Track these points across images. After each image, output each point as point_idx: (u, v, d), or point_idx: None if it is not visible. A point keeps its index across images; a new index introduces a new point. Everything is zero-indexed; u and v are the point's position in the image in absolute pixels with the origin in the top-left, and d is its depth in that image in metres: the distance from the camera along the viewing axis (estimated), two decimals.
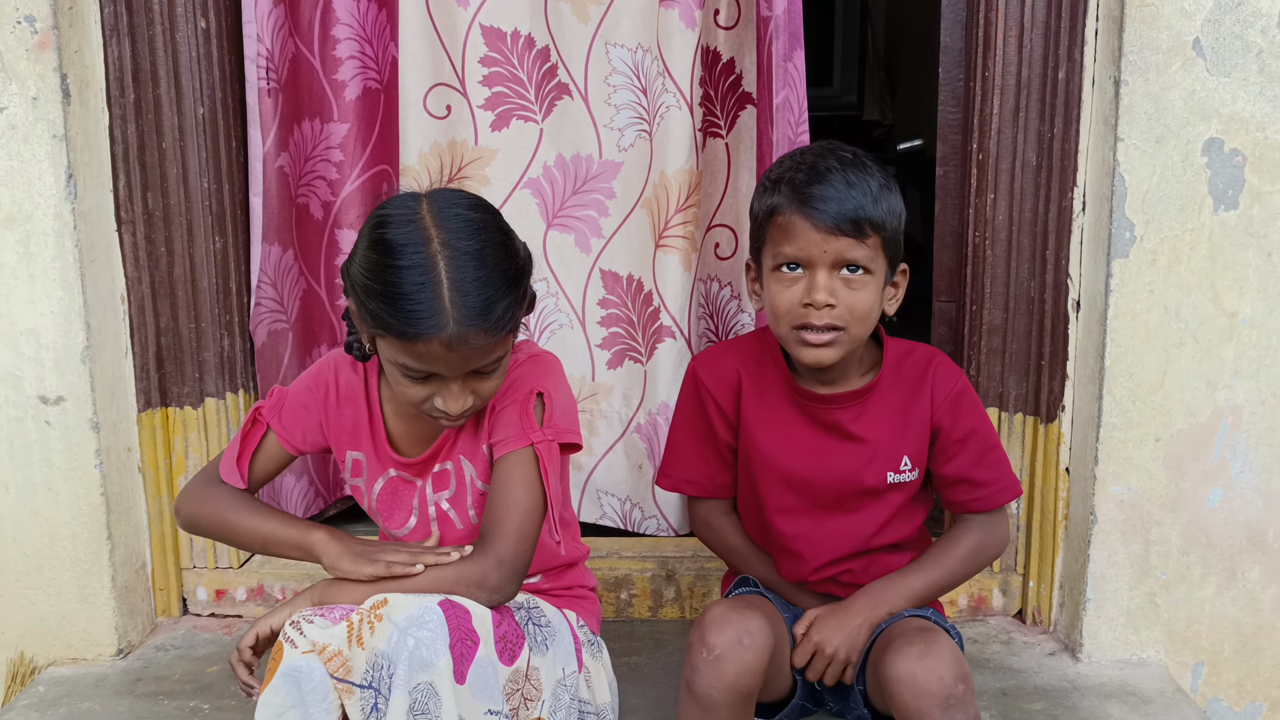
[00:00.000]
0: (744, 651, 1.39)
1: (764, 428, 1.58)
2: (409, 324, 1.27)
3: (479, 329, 1.29)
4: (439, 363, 1.31)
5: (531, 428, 1.43)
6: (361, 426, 1.51)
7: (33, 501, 1.91)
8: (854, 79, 5.96)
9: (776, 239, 1.46)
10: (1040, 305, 1.94)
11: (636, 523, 2.25)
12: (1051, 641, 1.99)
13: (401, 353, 1.31)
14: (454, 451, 1.48)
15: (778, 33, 2.03)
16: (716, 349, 1.69)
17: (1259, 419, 1.85)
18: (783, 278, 1.46)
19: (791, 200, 1.44)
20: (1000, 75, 1.90)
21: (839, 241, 1.42)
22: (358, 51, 2.13)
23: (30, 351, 1.86)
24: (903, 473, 1.57)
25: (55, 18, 1.79)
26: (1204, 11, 1.75)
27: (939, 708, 1.33)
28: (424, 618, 1.26)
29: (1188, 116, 1.77)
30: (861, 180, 1.44)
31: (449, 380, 1.34)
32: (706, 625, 1.41)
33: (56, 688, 1.89)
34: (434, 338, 1.27)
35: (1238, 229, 1.80)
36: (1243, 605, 1.91)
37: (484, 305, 1.29)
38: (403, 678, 1.24)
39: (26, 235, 1.83)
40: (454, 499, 1.49)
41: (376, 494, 1.53)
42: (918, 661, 1.35)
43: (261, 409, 1.52)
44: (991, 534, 1.61)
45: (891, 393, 1.57)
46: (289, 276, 2.15)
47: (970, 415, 1.58)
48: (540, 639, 1.47)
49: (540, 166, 2.16)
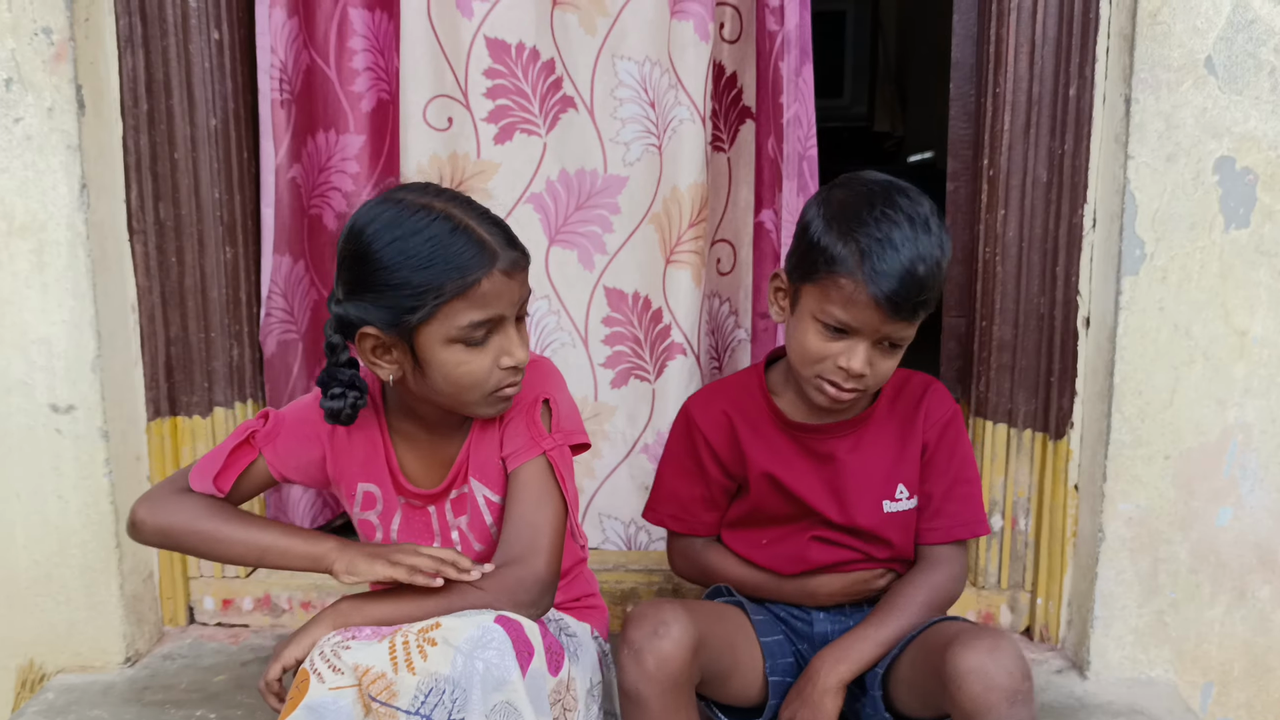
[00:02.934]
0: (660, 641, 1.39)
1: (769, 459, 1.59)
2: (469, 266, 1.30)
3: (519, 254, 1.35)
4: (501, 299, 1.32)
5: (542, 436, 1.43)
6: (375, 458, 1.48)
7: (43, 509, 1.92)
8: (864, 91, 5.98)
9: (831, 296, 1.43)
10: (1050, 322, 1.94)
11: (643, 546, 2.24)
12: (1059, 659, 1.98)
13: (464, 310, 1.31)
14: (467, 477, 1.47)
15: (788, 47, 2.04)
16: (706, 391, 1.70)
17: (1270, 438, 1.84)
18: (824, 332, 1.45)
19: (859, 268, 1.40)
20: (1011, 91, 1.90)
21: (893, 325, 1.42)
22: (372, 63, 2.14)
23: (42, 360, 1.87)
24: (899, 500, 1.58)
25: (72, 29, 1.80)
26: (1216, 30, 1.74)
27: (1007, 701, 1.33)
28: (485, 638, 1.23)
29: (1199, 134, 1.77)
30: (930, 252, 1.41)
31: (508, 328, 1.35)
32: (626, 623, 1.43)
33: (65, 695, 1.90)
34: (493, 269, 1.31)
35: (1249, 247, 1.79)
36: (1253, 625, 1.90)
37: (509, 234, 1.36)
38: (478, 702, 1.21)
39: (40, 244, 1.84)
40: (471, 522, 1.49)
41: (397, 526, 1.50)
42: (988, 655, 1.35)
43: (256, 434, 1.47)
44: (949, 574, 1.59)
45: (887, 422, 1.59)
46: (300, 287, 2.16)
47: (955, 443, 1.59)
48: (572, 649, 1.48)
49: (543, 181, 2.15)
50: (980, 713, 1.33)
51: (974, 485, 1.61)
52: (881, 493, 1.58)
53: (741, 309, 2.29)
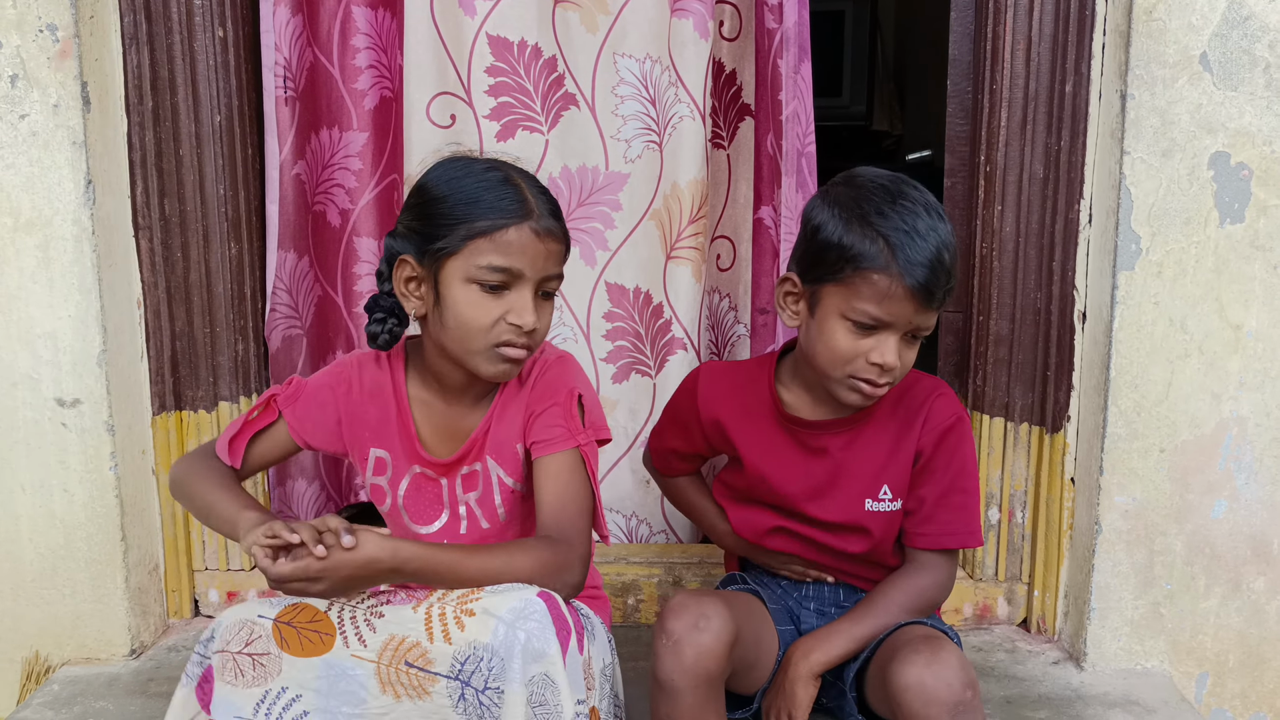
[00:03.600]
0: (700, 634, 1.41)
1: (754, 449, 1.62)
2: (503, 210, 1.37)
3: (558, 224, 1.41)
4: (525, 255, 1.37)
5: (578, 429, 1.47)
6: (388, 423, 1.52)
7: (49, 503, 1.94)
8: (863, 89, 5.99)
9: (862, 293, 1.42)
10: (1046, 316, 1.96)
11: (644, 539, 2.26)
12: (1056, 650, 2.00)
13: (486, 253, 1.36)
14: (483, 452, 1.50)
15: (787, 44, 2.06)
16: (722, 368, 1.72)
17: (1264, 431, 1.86)
18: (854, 330, 1.45)
19: (892, 261, 1.40)
20: (1008, 88, 1.92)
21: (925, 314, 1.44)
22: (375, 61, 2.16)
23: (48, 354, 1.89)
24: (881, 501, 1.59)
25: (77, 26, 1.82)
26: (1211, 26, 1.76)
27: (948, 714, 1.33)
28: (528, 610, 1.26)
29: (1194, 130, 1.78)
30: (949, 238, 1.44)
31: (525, 289, 1.38)
32: (666, 613, 1.44)
33: (70, 686, 1.91)
34: (525, 223, 1.37)
35: (1244, 242, 1.81)
36: (1247, 616, 1.92)
37: (556, 207, 1.42)
38: (518, 670, 1.24)
39: (46, 240, 1.86)
40: (481, 499, 1.52)
41: (404, 492, 1.54)
42: (925, 669, 1.35)
43: (277, 395, 1.53)
44: (933, 579, 1.59)
45: (888, 421, 1.59)
46: (304, 283, 2.18)
47: (954, 451, 1.57)
48: (590, 629, 1.50)
49: (546, 178, 2.15)
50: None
51: (970, 495, 1.59)
52: (866, 490, 1.58)
53: (741, 304, 2.31)
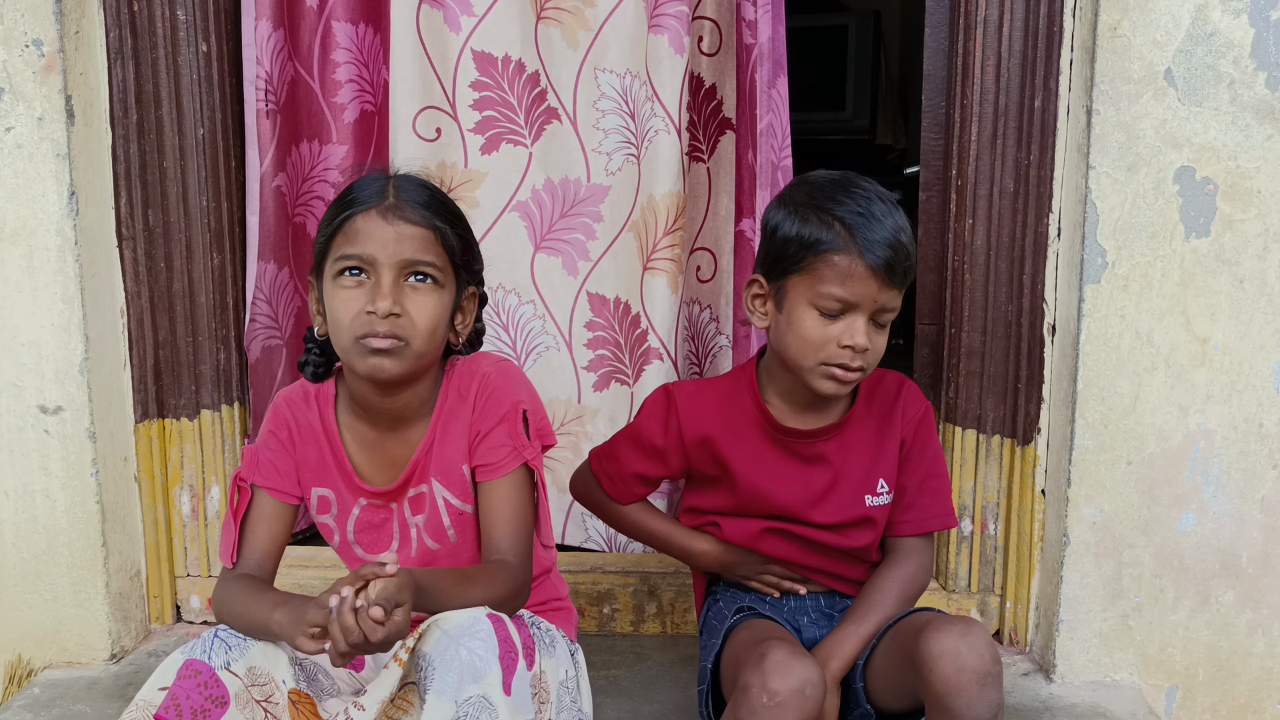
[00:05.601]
0: (805, 701, 1.38)
1: (748, 466, 1.62)
2: (354, 202, 1.38)
3: (413, 207, 1.38)
4: (373, 240, 1.36)
5: (524, 445, 1.47)
6: (325, 462, 1.51)
7: (31, 508, 1.97)
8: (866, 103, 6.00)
9: (825, 276, 1.46)
10: (1017, 329, 1.97)
11: (621, 546, 2.28)
12: (1027, 662, 2.01)
13: (341, 244, 1.38)
14: (426, 474, 1.49)
15: (762, 59, 2.08)
16: (695, 386, 1.71)
17: (1231, 444, 1.87)
18: (821, 316, 1.48)
19: (850, 243, 1.44)
20: (979, 103, 1.94)
21: (888, 291, 1.46)
22: (355, 75, 2.20)
23: (31, 362, 1.93)
24: (880, 495, 1.62)
25: (61, 41, 1.86)
26: (1175, 42, 1.78)
27: (977, 683, 1.36)
28: (475, 628, 1.25)
29: (1159, 145, 1.80)
30: (904, 223, 1.47)
31: (382, 272, 1.36)
32: (769, 669, 1.40)
33: (51, 690, 1.94)
34: (371, 208, 1.37)
35: (1210, 256, 1.82)
36: (1217, 629, 1.92)
37: (425, 198, 1.41)
38: (451, 686, 1.21)
39: (30, 250, 1.90)
40: (428, 522, 1.51)
41: (353, 527, 1.53)
42: (960, 639, 1.38)
43: (240, 474, 1.49)
44: (919, 564, 1.64)
45: (865, 420, 1.62)
46: (284, 294, 2.21)
47: (928, 439, 1.64)
48: (547, 643, 1.51)
49: (529, 190, 2.20)
50: (951, 694, 1.36)
51: (944, 480, 1.66)
52: (864, 488, 1.61)
53: (723, 315, 2.33)
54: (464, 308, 1.48)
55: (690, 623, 2.12)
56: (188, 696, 1.27)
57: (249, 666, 1.32)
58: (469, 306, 1.50)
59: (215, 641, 1.32)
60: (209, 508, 2.11)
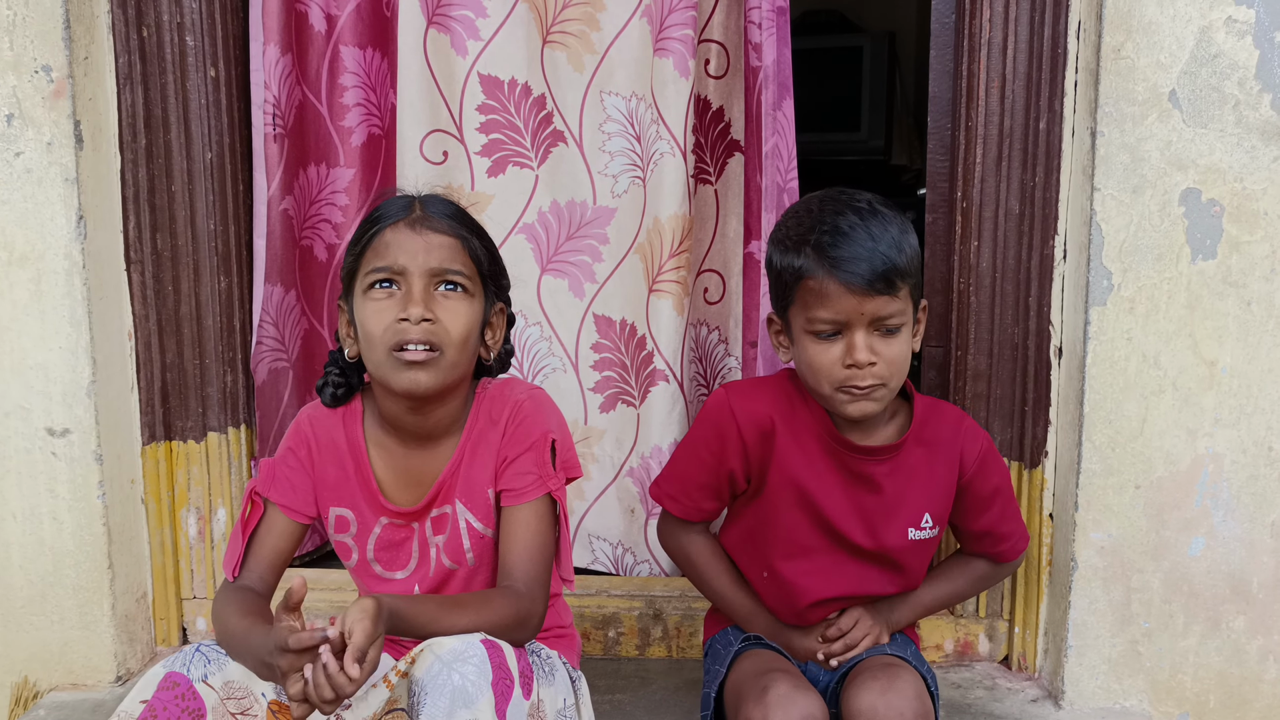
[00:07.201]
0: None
1: (803, 471, 1.58)
2: (381, 218, 1.41)
3: (440, 218, 1.42)
4: (403, 251, 1.39)
5: (549, 475, 1.47)
6: (347, 480, 1.50)
7: (38, 530, 1.98)
8: (882, 124, 6.01)
9: (809, 303, 1.47)
10: (1024, 351, 1.96)
11: (629, 568, 2.27)
12: (1035, 688, 1.99)
13: (371, 258, 1.40)
14: (451, 495, 1.49)
15: (767, 82, 2.09)
16: (749, 385, 1.69)
17: (1240, 468, 1.85)
18: (818, 340, 1.48)
19: (819, 263, 1.45)
20: (983, 125, 1.93)
21: (874, 301, 1.44)
22: (363, 99, 2.21)
23: (39, 385, 1.94)
24: (923, 530, 1.60)
25: (71, 67, 1.88)
26: (1180, 64, 1.77)
27: None
28: (468, 653, 1.25)
29: (1164, 167, 1.79)
30: (884, 231, 1.45)
31: (413, 282, 1.38)
32: (771, 704, 1.41)
33: (56, 712, 1.95)
34: (399, 220, 1.40)
35: (1216, 278, 1.81)
36: (1227, 656, 1.90)
37: (451, 210, 1.44)
38: (442, 712, 1.21)
39: (38, 274, 1.91)
40: (448, 543, 1.51)
41: (374, 546, 1.52)
42: (879, 696, 1.38)
43: (255, 486, 1.50)
44: (1000, 572, 1.76)
45: (918, 448, 1.60)
46: (291, 316, 2.22)
47: (996, 472, 1.65)
48: (546, 671, 1.50)
49: (535, 212, 2.21)
50: None
51: (1016, 502, 1.74)
52: (910, 520, 1.59)
53: (731, 337, 2.33)
54: (493, 323, 1.50)
55: (695, 647, 2.11)
56: (165, 708, 1.29)
57: (226, 680, 1.34)
58: (498, 322, 1.52)
59: (196, 655, 1.34)
60: (215, 530, 2.12)
